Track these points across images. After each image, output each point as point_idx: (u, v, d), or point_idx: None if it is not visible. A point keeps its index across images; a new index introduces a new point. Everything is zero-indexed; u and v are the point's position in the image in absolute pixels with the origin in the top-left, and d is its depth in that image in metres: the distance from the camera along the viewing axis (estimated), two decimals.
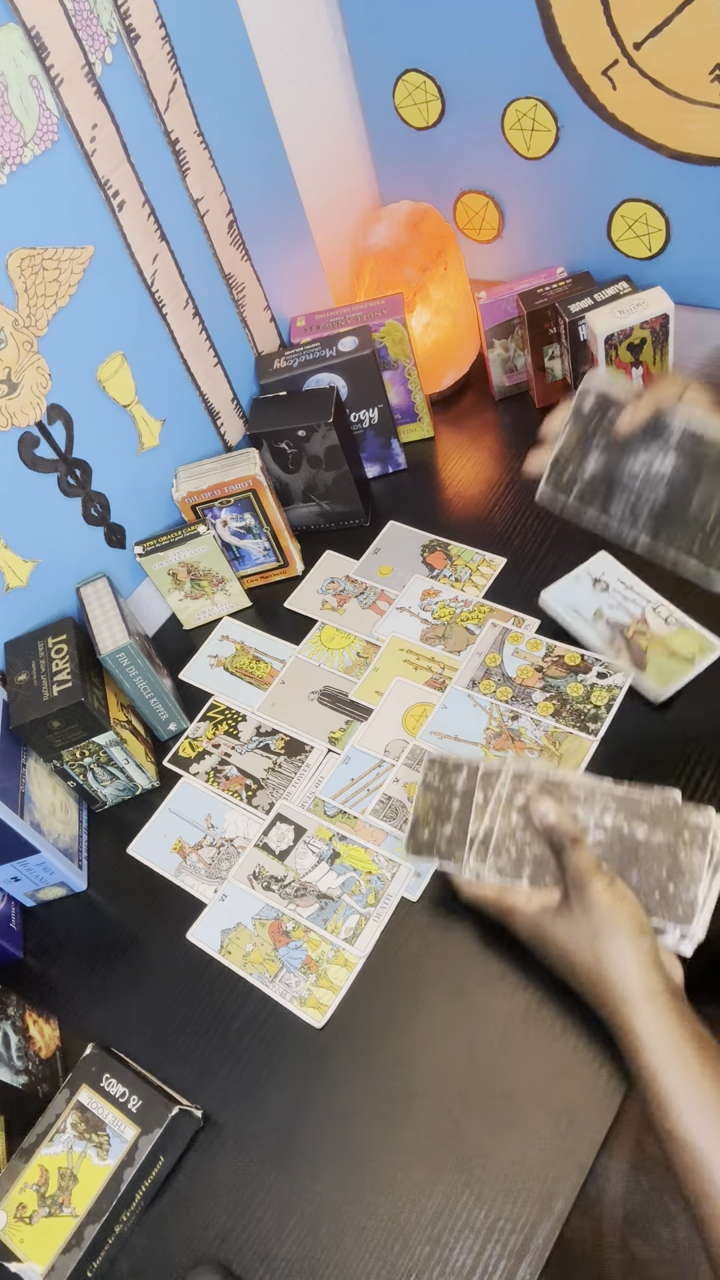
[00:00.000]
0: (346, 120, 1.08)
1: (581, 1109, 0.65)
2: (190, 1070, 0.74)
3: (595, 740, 0.82)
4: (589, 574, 0.89)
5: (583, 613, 0.87)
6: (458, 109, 1.00)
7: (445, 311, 1.08)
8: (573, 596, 0.88)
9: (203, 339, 0.97)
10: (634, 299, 0.95)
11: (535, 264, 1.07)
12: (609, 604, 0.87)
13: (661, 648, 0.83)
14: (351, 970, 0.75)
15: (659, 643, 0.83)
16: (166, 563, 0.96)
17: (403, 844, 0.76)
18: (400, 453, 1.08)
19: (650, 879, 0.64)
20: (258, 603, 1.03)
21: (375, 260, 1.07)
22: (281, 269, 1.04)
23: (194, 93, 0.86)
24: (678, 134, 0.88)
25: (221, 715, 0.95)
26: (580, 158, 0.95)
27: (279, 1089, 0.72)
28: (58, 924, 0.86)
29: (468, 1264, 0.62)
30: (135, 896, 0.85)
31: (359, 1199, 0.66)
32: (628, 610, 0.86)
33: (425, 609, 0.96)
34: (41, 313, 0.80)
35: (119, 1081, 0.71)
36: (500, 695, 0.87)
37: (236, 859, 0.84)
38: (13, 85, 0.72)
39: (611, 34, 0.84)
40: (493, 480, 1.05)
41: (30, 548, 0.87)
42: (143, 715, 0.91)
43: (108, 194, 0.82)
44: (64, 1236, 0.66)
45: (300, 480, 1.01)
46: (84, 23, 0.75)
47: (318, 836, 0.83)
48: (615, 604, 0.87)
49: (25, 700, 0.80)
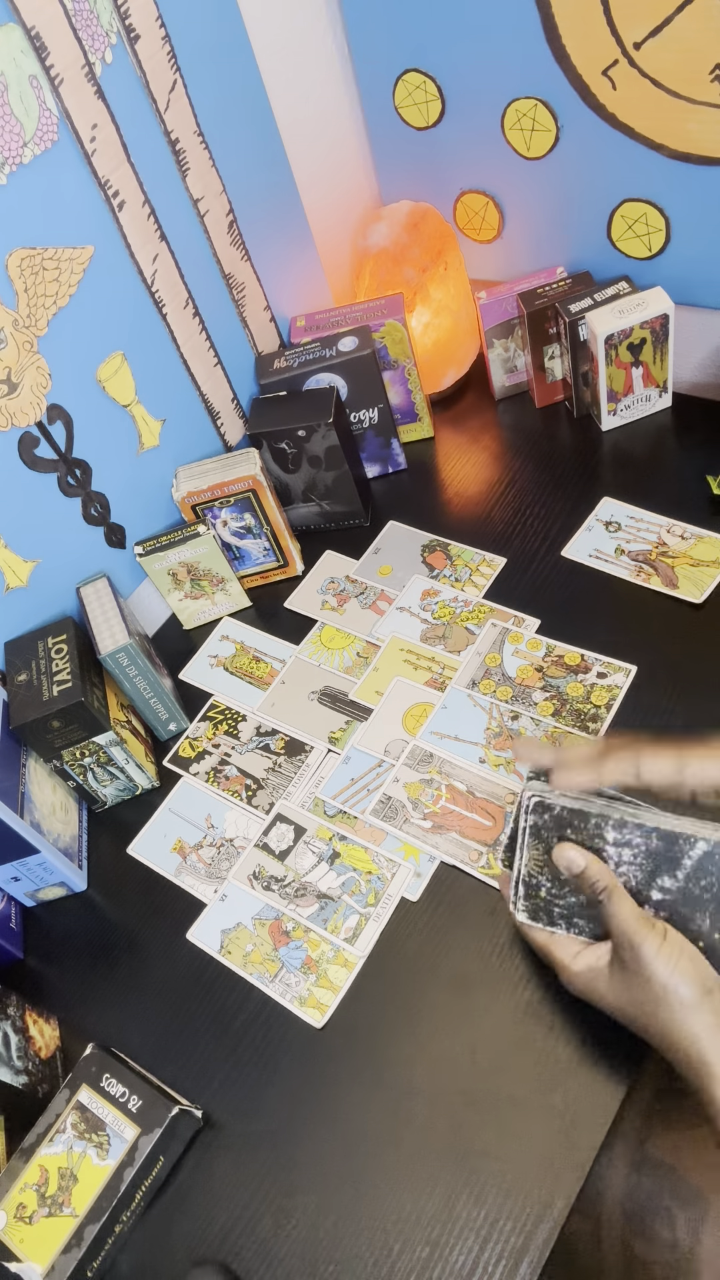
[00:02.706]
0: (346, 120, 1.08)
1: (581, 1109, 0.65)
2: (190, 1070, 0.74)
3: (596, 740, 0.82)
4: (598, 520, 0.96)
5: (604, 554, 0.93)
6: (458, 109, 1.00)
7: (445, 311, 1.08)
8: (591, 544, 0.94)
9: (203, 339, 0.97)
10: (634, 299, 0.95)
11: (535, 264, 1.07)
12: (625, 540, 0.93)
13: (685, 560, 0.90)
14: (351, 970, 0.75)
15: (682, 557, 0.90)
16: (166, 563, 0.96)
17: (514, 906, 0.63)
18: (400, 453, 1.08)
19: (704, 927, 0.56)
20: (258, 603, 1.03)
21: (375, 260, 1.07)
22: (281, 269, 1.04)
23: (194, 93, 0.86)
24: (678, 134, 0.88)
25: (221, 715, 0.95)
26: (580, 158, 0.95)
27: (279, 1089, 0.72)
28: (58, 924, 0.86)
29: (467, 1264, 0.62)
30: (135, 896, 0.85)
31: (359, 1199, 0.66)
32: (644, 539, 0.93)
33: (425, 609, 0.96)
34: (41, 313, 0.80)
35: (119, 1081, 0.71)
36: (500, 695, 0.87)
37: (236, 859, 0.84)
38: (13, 85, 0.72)
39: (611, 34, 0.84)
40: (493, 480, 1.05)
41: (30, 548, 0.87)
42: (143, 715, 0.91)
43: (108, 194, 0.82)
44: (64, 1236, 0.66)
45: (300, 480, 1.01)
46: (84, 23, 0.75)
47: (318, 836, 0.83)
48: (631, 537, 0.93)
49: (25, 700, 0.80)
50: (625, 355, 0.97)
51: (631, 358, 0.97)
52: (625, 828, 0.56)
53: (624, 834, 0.57)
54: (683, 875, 0.55)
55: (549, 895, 0.60)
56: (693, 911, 0.56)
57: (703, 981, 0.54)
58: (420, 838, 0.80)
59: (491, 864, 0.77)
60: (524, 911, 0.62)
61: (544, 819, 0.59)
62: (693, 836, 0.55)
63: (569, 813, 0.58)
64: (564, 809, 0.58)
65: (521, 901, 0.62)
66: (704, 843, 0.55)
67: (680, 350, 1.00)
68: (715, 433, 1.00)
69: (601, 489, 0.99)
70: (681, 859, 0.55)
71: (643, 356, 0.98)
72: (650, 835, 0.56)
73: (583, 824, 0.58)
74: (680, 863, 0.55)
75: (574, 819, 0.58)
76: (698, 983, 0.53)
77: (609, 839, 0.57)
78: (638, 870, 0.57)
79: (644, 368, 0.99)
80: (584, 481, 1.01)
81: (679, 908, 0.56)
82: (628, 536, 0.94)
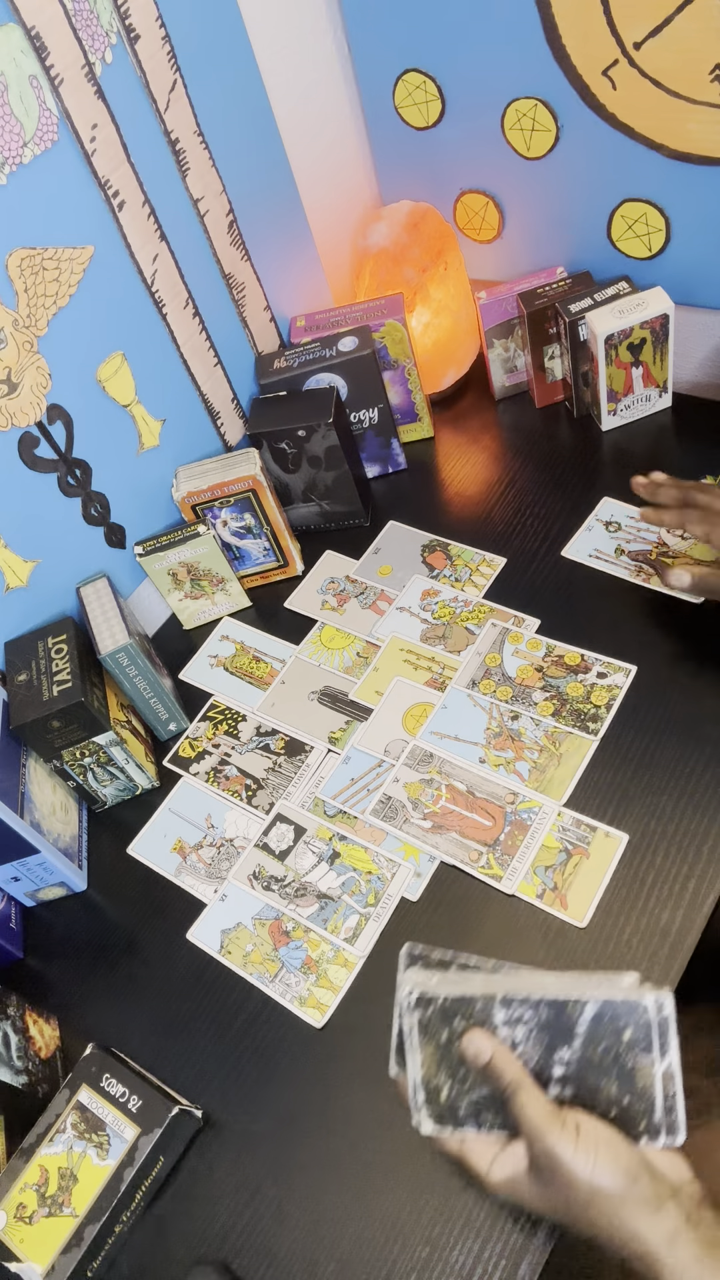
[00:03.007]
0: (346, 120, 1.08)
1: None
2: (190, 1070, 0.74)
3: (596, 740, 0.82)
4: (598, 520, 0.96)
5: (605, 554, 0.93)
6: (458, 109, 1.00)
7: (445, 311, 1.08)
8: (591, 544, 0.95)
9: (203, 339, 0.97)
10: (634, 299, 0.95)
11: (535, 264, 1.07)
12: (625, 540, 0.94)
13: (685, 561, 0.90)
14: (351, 970, 0.75)
15: (682, 557, 0.91)
16: (166, 563, 0.96)
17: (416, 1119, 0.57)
18: (400, 453, 1.08)
19: (613, 1092, 0.53)
20: (258, 603, 1.03)
21: (375, 260, 1.07)
22: (281, 269, 1.04)
23: (194, 93, 0.86)
24: (678, 134, 0.88)
25: (221, 715, 0.95)
26: (580, 158, 0.95)
27: (279, 1089, 0.72)
28: (58, 924, 0.86)
29: (467, 1263, 0.62)
30: (135, 896, 0.85)
31: (359, 1199, 0.66)
32: (644, 539, 0.93)
33: (425, 609, 0.96)
34: (41, 313, 0.80)
35: (119, 1081, 0.71)
36: (500, 695, 0.87)
37: (236, 859, 0.84)
38: (13, 85, 0.72)
39: (611, 34, 0.84)
40: (493, 480, 1.05)
41: (30, 548, 0.87)
42: (143, 715, 0.91)
43: (108, 194, 0.82)
44: (64, 1236, 0.66)
45: (300, 480, 1.01)
46: (84, 23, 0.75)
47: (318, 836, 0.83)
48: (631, 538, 0.94)
49: (25, 700, 0.80)
50: (625, 355, 0.97)
51: (631, 358, 0.97)
52: (512, 1004, 0.54)
53: (513, 1010, 0.54)
54: (579, 1043, 0.53)
55: (451, 1096, 0.55)
56: (597, 1079, 0.53)
57: (625, 1169, 0.51)
58: (420, 838, 0.80)
59: (492, 864, 0.77)
60: (429, 1120, 0.56)
61: (429, 1013, 0.55)
62: (580, 1000, 0.53)
63: (453, 1001, 0.55)
64: (447, 998, 0.55)
65: (424, 1109, 0.56)
66: (592, 1004, 0.53)
67: (680, 350, 1.00)
68: (715, 433, 1.00)
69: (602, 489, 0.99)
70: (574, 1026, 0.53)
71: (643, 356, 0.98)
72: (539, 1007, 0.53)
73: (469, 1009, 0.55)
74: (574, 1030, 0.53)
75: (459, 1007, 0.54)
76: (621, 1173, 0.50)
77: (499, 1019, 0.54)
78: (535, 1047, 0.54)
79: (644, 368, 0.99)
80: (584, 481, 1.01)
81: (583, 1079, 0.53)
82: (628, 536, 0.94)
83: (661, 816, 0.76)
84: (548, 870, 0.76)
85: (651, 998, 0.52)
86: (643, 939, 0.71)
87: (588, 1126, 0.52)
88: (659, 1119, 0.53)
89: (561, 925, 0.73)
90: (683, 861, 0.74)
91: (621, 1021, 0.52)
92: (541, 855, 0.77)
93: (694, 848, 0.74)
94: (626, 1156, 0.51)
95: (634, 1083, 0.53)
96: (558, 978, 0.55)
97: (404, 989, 0.55)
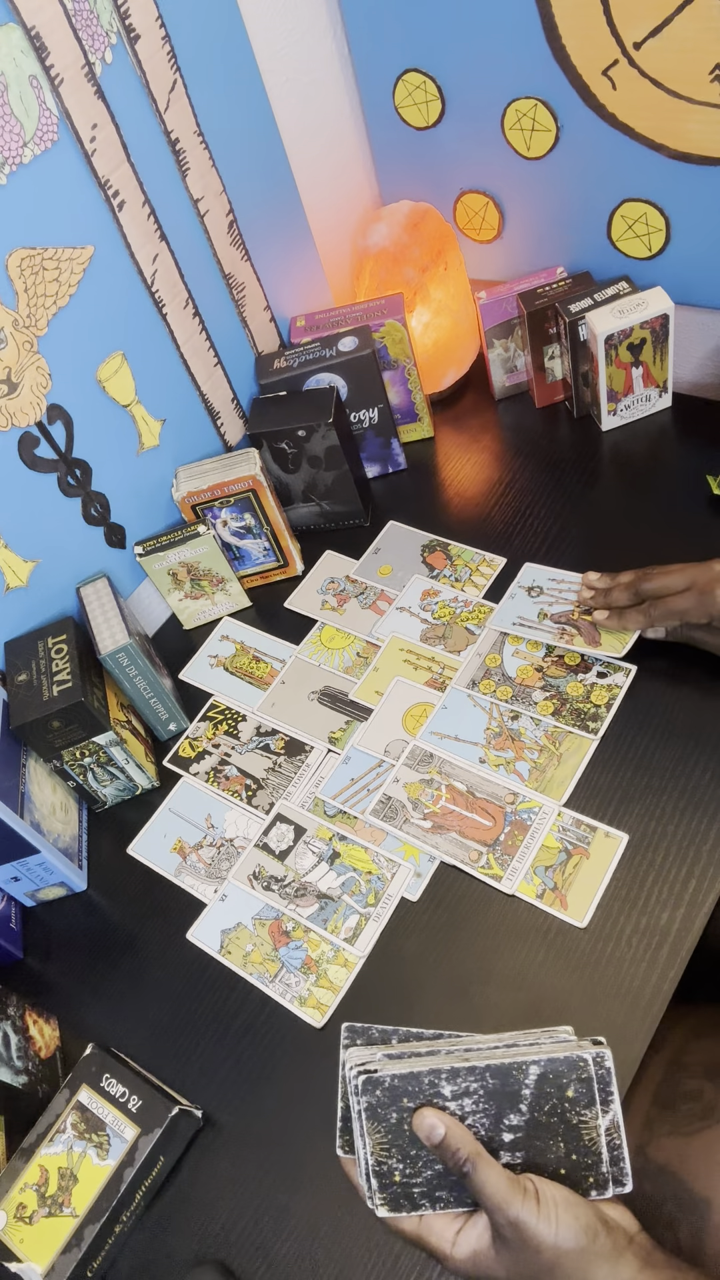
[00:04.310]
0: (347, 120, 1.08)
1: None
2: (190, 1070, 0.74)
3: (595, 739, 0.82)
4: (520, 586, 0.94)
5: (529, 620, 0.90)
6: (458, 109, 1.00)
7: (445, 311, 1.08)
8: (515, 611, 0.92)
9: (203, 339, 0.97)
10: (634, 299, 0.95)
11: (535, 264, 1.07)
12: (547, 602, 0.91)
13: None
14: (351, 970, 0.75)
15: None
16: (166, 563, 0.96)
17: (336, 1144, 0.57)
18: (400, 453, 1.08)
19: (561, 1150, 0.53)
20: (258, 603, 1.03)
21: (375, 260, 1.07)
22: (281, 269, 1.04)
23: (194, 93, 0.86)
24: (678, 134, 0.88)
25: (221, 715, 0.95)
26: (580, 158, 0.95)
27: (279, 1089, 0.72)
28: (58, 924, 0.86)
29: None
30: (135, 896, 0.85)
31: (359, 1198, 0.66)
32: (565, 600, 0.91)
33: (425, 609, 0.96)
34: (41, 313, 0.80)
35: (119, 1081, 0.71)
36: (500, 695, 0.87)
37: (236, 859, 0.84)
38: (13, 85, 0.72)
39: (611, 34, 0.84)
40: (493, 480, 1.05)
41: (30, 548, 0.87)
42: (143, 715, 0.91)
43: (108, 194, 0.82)
44: (64, 1236, 0.66)
45: (300, 480, 1.01)
46: (84, 23, 0.75)
47: (318, 836, 0.83)
48: (552, 600, 0.91)
49: (25, 700, 0.80)
50: (625, 355, 0.97)
51: (631, 358, 0.97)
52: (459, 1076, 0.53)
53: (459, 1083, 0.53)
54: (526, 1107, 0.54)
55: (404, 1178, 0.55)
56: (546, 1140, 0.53)
57: (585, 1226, 0.51)
58: (420, 838, 0.80)
59: (492, 864, 0.77)
60: (383, 1205, 0.55)
61: (376, 1095, 0.54)
62: (523, 1063, 0.53)
63: (399, 1079, 0.54)
64: (393, 1078, 0.54)
65: (378, 1195, 0.55)
66: (535, 1066, 0.53)
67: (680, 350, 1.00)
68: (715, 433, 1.00)
69: (600, 490, 0.99)
70: (520, 1090, 0.53)
71: (643, 356, 0.98)
72: (484, 1076, 0.53)
73: (417, 1087, 0.54)
74: (520, 1095, 0.53)
75: (407, 1084, 0.54)
76: (581, 1231, 0.51)
77: (447, 1093, 0.54)
78: (484, 1117, 0.53)
79: (644, 368, 0.99)
80: (584, 481, 1.01)
81: (533, 1141, 0.54)
82: (550, 599, 0.91)
83: (661, 816, 0.76)
84: (548, 870, 0.76)
85: (591, 1052, 0.53)
86: (643, 939, 0.71)
87: (545, 1190, 0.52)
88: (606, 1170, 0.53)
89: (561, 925, 0.73)
90: (683, 861, 0.74)
91: (565, 1079, 0.53)
92: (541, 855, 0.77)
93: (694, 848, 0.74)
94: (584, 1213, 0.52)
95: (580, 1139, 0.53)
96: (498, 1039, 0.55)
97: (348, 1068, 0.55)
